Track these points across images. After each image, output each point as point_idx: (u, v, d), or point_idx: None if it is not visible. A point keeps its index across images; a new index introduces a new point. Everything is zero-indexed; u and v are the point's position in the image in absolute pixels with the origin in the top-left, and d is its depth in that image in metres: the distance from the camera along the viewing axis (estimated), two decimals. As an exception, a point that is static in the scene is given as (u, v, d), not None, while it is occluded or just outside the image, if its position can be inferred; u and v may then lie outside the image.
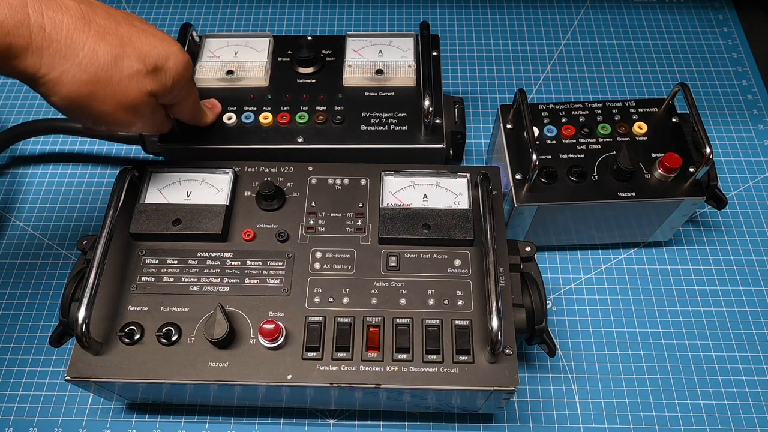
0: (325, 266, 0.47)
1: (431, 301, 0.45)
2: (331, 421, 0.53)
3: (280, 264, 0.47)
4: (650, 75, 0.76)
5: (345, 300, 0.45)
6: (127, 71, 0.39)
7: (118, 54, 0.38)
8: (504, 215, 0.50)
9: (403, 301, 0.45)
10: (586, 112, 0.57)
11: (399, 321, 0.44)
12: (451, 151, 0.59)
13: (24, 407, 0.54)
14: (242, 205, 0.50)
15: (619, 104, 0.57)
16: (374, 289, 0.46)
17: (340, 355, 0.43)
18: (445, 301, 0.45)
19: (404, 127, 0.54)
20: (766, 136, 0.71)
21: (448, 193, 0.50)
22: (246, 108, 0.56)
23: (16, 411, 0.54)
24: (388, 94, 0.57)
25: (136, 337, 0.43)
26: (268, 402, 0.52)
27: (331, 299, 0.45)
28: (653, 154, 0.54)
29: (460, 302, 0.45)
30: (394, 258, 0.47)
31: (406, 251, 0.47)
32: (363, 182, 0.51)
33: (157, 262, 0.47)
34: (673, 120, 0.56)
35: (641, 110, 0.57)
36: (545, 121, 0.56)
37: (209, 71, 0.57)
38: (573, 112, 0.57)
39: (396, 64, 0.57)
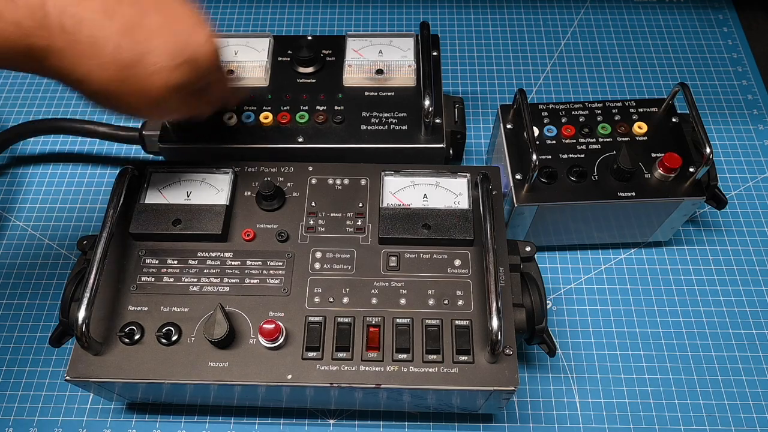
0: (325, 266, 0.47)
1: (431, 301, 0.45)
2: (331, 421, 0.53)
3: (280, 264, 0.47)
4: (650, 75, 0.76)
5: (345, 300, 0.45)
6: (151, 68, 0.37)
7: (143, 50, 0.36)
8: (504, 215, 0.50)
9: (403, 301, 0.45)
10: (586, 112, 0.57)
11: (399, 321, 0.44)
12: (451, 151, 0.59)
13: (24, 407, 0.54)
14: (242, 205, 0.50)
15: (619, 104, 0.57)
16: (374, 289, 0.46)
17: (340, 355, 0.43)
18: (445, 301, 0.45)
19: (404, 127, 0.54)
20: (766, 136, 0.71)
21: (448, 193, 0.50)
22: (246, 108, 0.56)
23: (16, 411, 0.54)
24: (388, 94, 0.57)
25: (136, 337, 0.43)
26: (268, 402, 0.52)
27: (331, 299, 0.45)
28: (653, 154, 0.54)
29: (460, 302, 0.45)
30: (394, 258, 0.47)
31: (406, 251, 0.47)
32: (363, 182, 0.51)
33: (157, 262, 0.47)
34: (673, 120, 0.56)
35: (641, 110, 0.57)
36: (545, 121, 0.56)
37: (209, 71, 0.57)
38: (573, 112, 0.57)
39: (396, 64, 0.57)
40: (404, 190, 0.50)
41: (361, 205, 0.50)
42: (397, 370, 0.42)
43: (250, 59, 0.58)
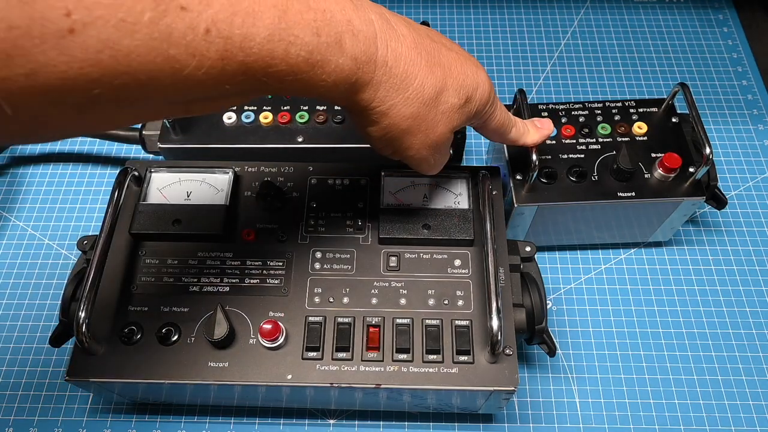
0: (325, 266, 0.47)
1: (431, 301, 0.45)
2: (331, 421, 0.53)
3: (280, 264, 0.47)
4: (650, 75, 0.76)
5: (345, 300, 0.45)
6: (443, 106, 0.36)
7: (441, 87, 0.36)
8: (504, 215, 0.50)
9: (403, 301, 0.45)
10: (586, 112, 0.57)
11: (399, 321, 0.44)
12: (451, 151, 0.59)
13: (24, 407, 0.54)
14: (242, 205, 0.50)
15: (619, 104, 0.57)
16: (374, 289, 0.46)
17: (340, 355, 0.43)
18: (445, 301, 0.45)
19: (404, 127, 0.54)
20: (766, 136, 0.71)
21: (448, 193, 0.50)
22: (246, 107, 0.56)
23: (16, 411, 0.54)
24: (388, 94, 0.56)
25: (136, 337, 0.43)
26: (268, 402, 0.52)
27: (331, 299, 0.45)
28: (653, 154, 0.54)
29: (460, 302, 0.45)
30: (394, 258, 0.47)
31: (406, 251, 0.47)
32: (363, 182, 0.51)
33: (157, 262, 0.47)
34: (673, 120, 0.56)
35: (641, 110, 0.57)
36: (545, 121, 0.56)
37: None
38: (573, 112, 0.57)
39: (396, 64, 0.57)
40: (404, 190, 0.50)
41: (361, 205, 0.50)
42: (397, 370, 0.42)
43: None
